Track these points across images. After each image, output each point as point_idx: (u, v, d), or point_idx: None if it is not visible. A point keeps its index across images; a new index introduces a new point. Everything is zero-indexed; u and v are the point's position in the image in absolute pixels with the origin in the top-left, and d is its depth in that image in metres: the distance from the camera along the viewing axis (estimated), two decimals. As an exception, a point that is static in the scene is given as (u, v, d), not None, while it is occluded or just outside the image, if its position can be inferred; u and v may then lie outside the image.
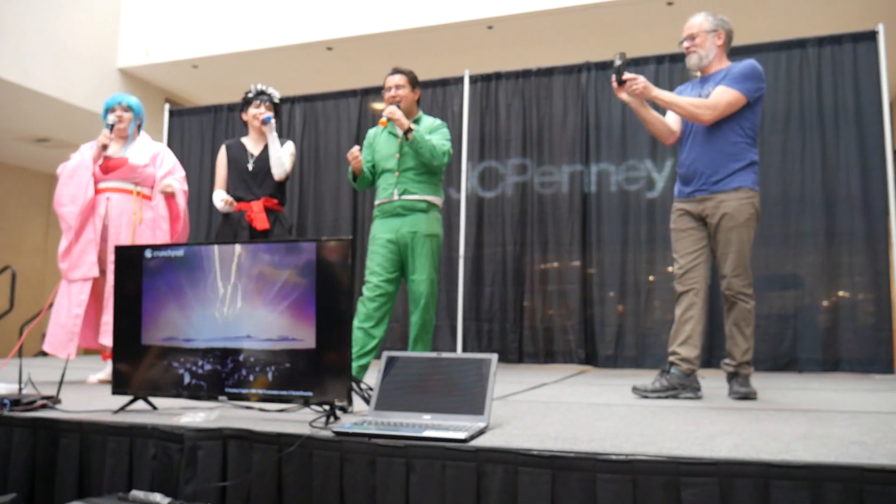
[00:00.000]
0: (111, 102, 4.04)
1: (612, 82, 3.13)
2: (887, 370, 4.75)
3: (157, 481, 2.03)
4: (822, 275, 5.04)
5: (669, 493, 1.56)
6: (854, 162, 5.01)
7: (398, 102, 3.77)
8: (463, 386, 2.06)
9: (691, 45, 3.21)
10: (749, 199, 3.07)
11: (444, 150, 3.72)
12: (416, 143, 3.67)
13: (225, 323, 2.27)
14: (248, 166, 4.08)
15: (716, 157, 3.09)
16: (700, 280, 3.13)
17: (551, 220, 5.71)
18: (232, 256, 2.30)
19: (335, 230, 6.21)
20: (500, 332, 5.68)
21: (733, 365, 3.07)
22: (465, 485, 1.70)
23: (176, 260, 2.38)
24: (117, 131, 3.98)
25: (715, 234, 3.11)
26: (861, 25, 5.19)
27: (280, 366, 2.19)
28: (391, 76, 3.88)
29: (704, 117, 3.05)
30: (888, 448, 1.68)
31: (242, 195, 4.04)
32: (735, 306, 3.07)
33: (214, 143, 6.57)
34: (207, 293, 2.31)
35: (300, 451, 1.89)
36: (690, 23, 3.25)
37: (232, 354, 2.25)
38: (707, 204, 3.11)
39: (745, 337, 3.06)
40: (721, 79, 3.11)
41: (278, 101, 4.26)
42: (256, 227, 3.96)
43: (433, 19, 7.05)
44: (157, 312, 2.38)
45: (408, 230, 3.71)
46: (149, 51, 8.06)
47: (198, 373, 2.29)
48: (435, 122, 3.89)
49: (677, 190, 3.28)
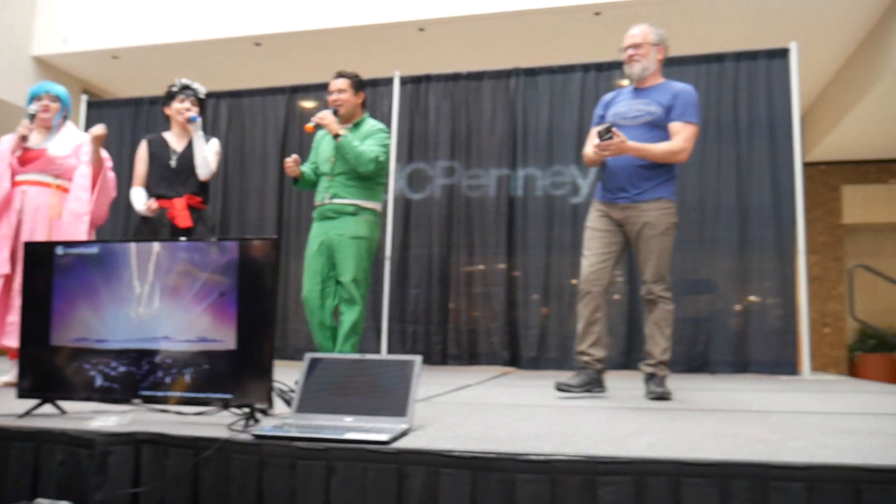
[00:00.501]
0: (38, 90, 3.85)
1: (597, 137, 3.08)
2: (792, 372, 4.99)
3: (64, 489, 1.94)
4: (734, 280, 5.26)
5: (586, 492, 1.59)
6: (766, 173, 5.24)
7: (339, 107, 3.84)
8: (386, 388, 2.05)
9: (635, 53, 3.26)
10: (669, 210, 3.19)
11: (371, 158, 3.73)
12: (343, 149, 3.73)
13: (141, 323, 2.20)
14: (171, 163, 3.95)
15: (638, 169, 3.17)
16: (606, 282, 3.24)
17: (478, 223, 5.76)
18: (150, 255, 2.23)
19: (260, 230, 6.10)
20: (424, 333, 5.69)
21: (652, 364, 3.16)
22: (386, 487, 1.70)
23: (90, 257, 2.29)
24: (41, 121, 3.79)
25: (636, 242, 3.21)
26: (775, 43, 5.44)
27: (199, 367, 2.14)
28: (334, 80, 3.92)
29: (682, 158, 3.16)
30: (791, 445, 1.77)
31: (164, 192, 3.92)
32: (656, 307, 3.18)
33: (134, 137, 6.35)
34: (123, 292, 2.23)
35: (218, 455, 1.85)
36: (635, 32, 3.30)
37: (148, 356, 2.18)
38: (629, 212, 3.20)
39: (664, 337, 3.17)
40: (669, 104, 3.17)
41: (204, 97, 4.14)
42: (179, 225, 3.84)
43: (364, 19, 7.01)
44: (68, 312, 2.28)
45: (335, 233, 3.79)
46: (66, 38, 7.72)
47: (111, 375, 2.21)
48: (374, 127, 3.91)
49: (599, 193, 3.35)
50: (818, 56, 7.38)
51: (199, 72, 6.41)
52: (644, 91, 3.27)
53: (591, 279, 3.23)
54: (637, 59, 3.25)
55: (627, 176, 3.19)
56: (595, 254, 3.26)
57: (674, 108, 3.17)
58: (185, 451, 1.88)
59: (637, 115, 3.21)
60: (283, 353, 5.84)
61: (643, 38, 3.26)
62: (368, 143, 3.79)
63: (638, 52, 3.25)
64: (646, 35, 3.27)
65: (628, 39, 3.30)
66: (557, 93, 5.71)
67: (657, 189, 3.18)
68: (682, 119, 3.16)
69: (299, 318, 5.96)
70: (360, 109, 3.97)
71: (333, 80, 3.92)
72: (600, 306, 3.22)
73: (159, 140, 4.06)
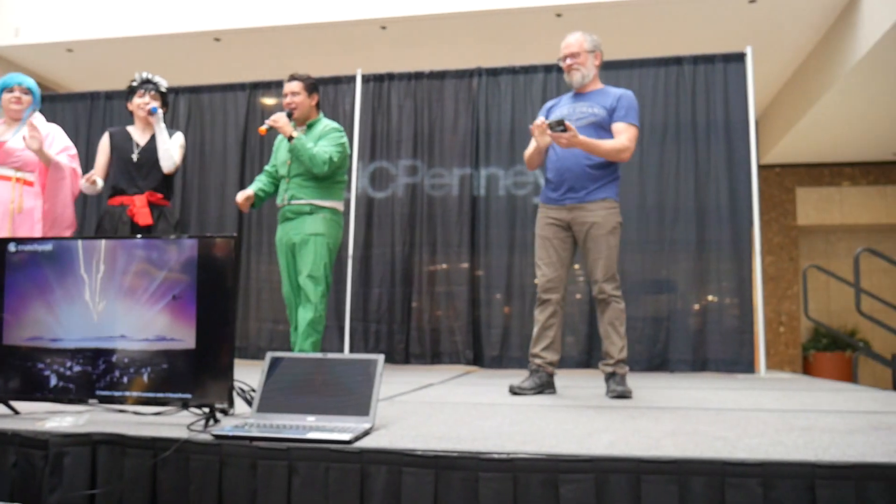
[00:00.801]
0: (10, 81, 3.75)
1: (540, 126, 3.12)
2: (749, 370, 5.09)
3: (17, 491, 1.89)
4: (693, 280, 5.34)
5: (548, 489, 1.61)
6: (723, 174, 5.34)
7: (293, 109, 3.88)
8: (349, 387, 2.04)
9: (574, 62, 3.35)
10: (614, 209, 3.28)
11: (324, 159, 3.76)
12: (296, 151, 3.78)
13: (97, 322, 2.15)
14: (133, 157, 3.87)
15: (586, 169, 3.25)
16: (562, 288, 3.32)
17: (440, 222, 5.76)
18: (106, 252, 2.18)
19: (220, 227, 6.01)
20: (387, 332, 5.67)
21: (611, 364, 3.20)
22: (348, 486, 1.69)
23: (43, 254, 2.23)
24: (11, 112, 3.69)
25: (584, 243, 3.28)
26: (731, 47, 5.54)
27: (157, 367, 2.10)
28: (288, 83, 3.95)
29: (627, 157, 3.23)
30: (747, 442, 1.80)
31: (125, 187, 3.84)
32: (609, 307, 3.23)
33: (90, 132, 6.20)
34: (78, 290, 2.18)
35: (176, 455, 1.82)
36: (570, 41, 3.37)
37: (104, 355, 2.14)
38: (577, 213, 3.26)
39: (619, 335, 3.22)
40: (611, 107, 3.25)
41: (165, 91, 4.08)
42: (139, 222, 3.77)
43: (326, 16, 6.95)
44: (20, 310, 2.22)
45: (294, 232, 3.86)
46: (18, 30, 7.51)
47: (65, 374, 2.16)
48: (327, 128, 3.93)
49: (545, 196, 3.41)
50: (773, 61, 7.55)
51: (158, 66, 6.28)
52: (585, 95, 3.37)
53: (548, 288, 3.32)
54: (576, 68, 3.34)
55: (576, 176, 3.26)
56: (547, 263, 3.34)
57: (616, 110, 3.26)
58: (144, 452, 1.85)
59: (581, 118, 3.28)
60: (245, 353, 5.77)
61: (579, 47, 3.34)
62: (322, 144, 3.83)
63: (576, 61, 3.34)
64: (581, 43, 3.35)
65: (565, 49, 3.38)
66: (519, 93, 5.74)
67: (603, 189, 3.26)
68: (625, 120, 3.26)
69: (261, 316, 5.90)
70: (314, 111, 4.02)
71: (287, 82, 3.96)
72: (556, 312, 3.31)
73: (122, 133, 3.98)
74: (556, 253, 3.32)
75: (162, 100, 4.02)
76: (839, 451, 1.68)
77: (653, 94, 5.49)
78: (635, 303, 5.30)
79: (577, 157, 3.24)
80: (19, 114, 3.73)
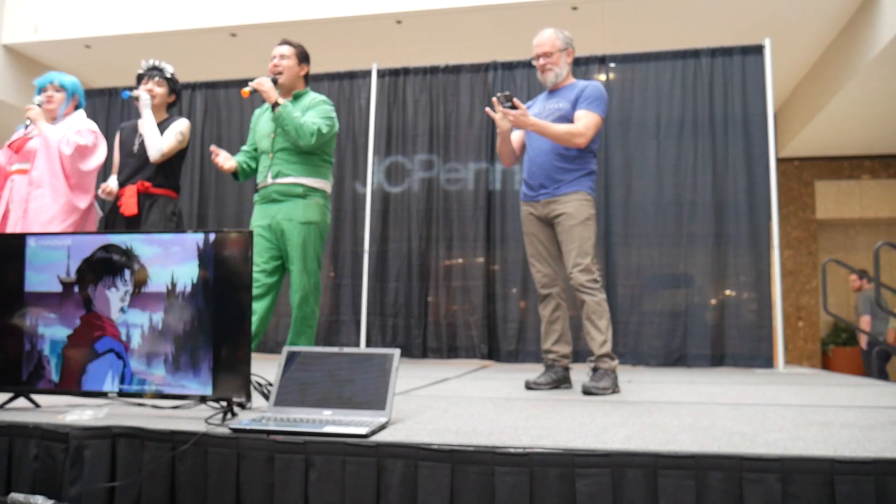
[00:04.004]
0: (42, 81, 3.81)
1: (494, 104, 3.15)
2: (767, 365, 5.05)
3: (38, 483, 1.92)
4: (710, 275, 5.31)
5: (565, 484, 1.61)
6: (741, 168, 5.29)
7: (280, 73, 3.55)
8: (365, 381, 2.05)
9: (547, 62, 3.35)
10: (587, 202, 3.26)
11: (312, 130, 3.41)
12: (281, 119, 3.43)
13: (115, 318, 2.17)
14: (133, 148, 3.82)
15: (559, 165, 3.26)
16: (560, 280, 3.34)
17: (456, 217, 5.76)
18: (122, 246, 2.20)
19: (238, 222, 6.05)
20: (404, 327, 5.69)
21: (593, 360, 3.18)
22: (365, 480, 1.70)
23: (62, 249, 2.25)
24: (46, 111, 3.75)
25: (558, 235, 3.28)
26: (749, 39, 5.49)
27: (175, 361, 2.11)
28: (278, 46, 3.65)
29: (580, 142, 3.20)
30: (766, 437, 1.79)
31: (123, 180, 3.76)
32: (584, 301, 3.19)
33: (109, 128, 6.24)
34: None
35: (195, 449, 1.84)
36: (542, 39, 3.36)
37: (123, 349, 2.16)
38: (551, 207, 3.28)
39: (599, 330, 3.16)
40: (575, 98, 3.26)
41: (171, 76, 3.95)
42: (124, 213, 3.66)
43: (342, 11, 6.97)
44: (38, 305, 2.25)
45: (283, 217, 3.50)
46: (37, 27, 7.59)
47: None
48: (315, 100, 3.61)
49: (523, 193, 3.43)
50: (792, 53, 7.47)
51: (175, 61, 6.25)
52: (556, 92, 3.38)
53: (545, 283, 3.35)
54: (549, 68, 3.35)
55: (546, 172, 3.28)
56: (539, 260, 3.37)
57: (580, 100, 3.26)
58: (162, 445, 1.87)
59: (550, 114, 3.30)
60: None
61: (552, 46, 3.34)
62: (310, 115, 3.48)
63: (549, 61, 3.34)
64: (553, 42, 3.35)
65: (537, 48, 3.37)
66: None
67: (574, 183, 3.25)
68: (586, 108, 3.23)
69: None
70: (301, 81, 3.66)
71: (277, 46, 3.64)
72: (559, 305, 3.33)
73: (130, 127, 3.93)
74: (544, 248, 3.34)
75: (170, 86, 3.94)
76: (858, 446, 1.67)
77: (670, 87, 5.46)
78: (652, 297, 5.27)
79: (546, 154, 3.27)
80: (53, 112, 3.78)
